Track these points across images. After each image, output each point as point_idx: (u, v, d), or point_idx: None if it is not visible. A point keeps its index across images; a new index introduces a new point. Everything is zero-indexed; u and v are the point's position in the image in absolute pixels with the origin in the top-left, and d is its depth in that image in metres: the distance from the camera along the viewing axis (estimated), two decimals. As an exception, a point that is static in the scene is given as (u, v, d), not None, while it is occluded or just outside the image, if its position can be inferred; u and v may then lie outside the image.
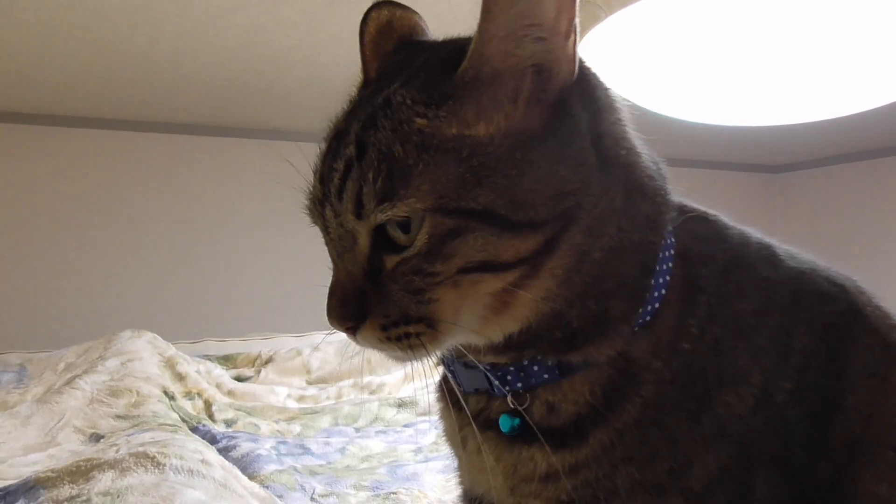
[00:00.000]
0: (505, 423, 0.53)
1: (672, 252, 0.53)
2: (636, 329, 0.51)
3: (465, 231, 0.47)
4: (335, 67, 2.19)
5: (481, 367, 0.53)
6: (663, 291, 0.51)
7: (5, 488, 0.91)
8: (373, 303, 0.50)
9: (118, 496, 0.76)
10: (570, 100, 0.49)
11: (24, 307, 2.67)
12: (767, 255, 0.57)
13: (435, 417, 0.64)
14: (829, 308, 0.55)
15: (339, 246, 0.52)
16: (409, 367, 0.54)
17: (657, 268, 0.51)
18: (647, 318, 0.51)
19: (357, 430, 1.85)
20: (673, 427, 0.49)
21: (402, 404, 2.00)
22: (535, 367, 0.52)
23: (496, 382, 0.53)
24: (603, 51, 1.83)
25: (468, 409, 0.56)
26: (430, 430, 1.72)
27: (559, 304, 0.49)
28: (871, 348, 0.54)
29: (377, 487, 1.32)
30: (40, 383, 1.74)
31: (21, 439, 1.42)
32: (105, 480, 0.82)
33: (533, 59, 0.48)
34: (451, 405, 0.58)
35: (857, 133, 3.19)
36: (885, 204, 3.58)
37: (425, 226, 0.47)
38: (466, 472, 0.62)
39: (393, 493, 1.27)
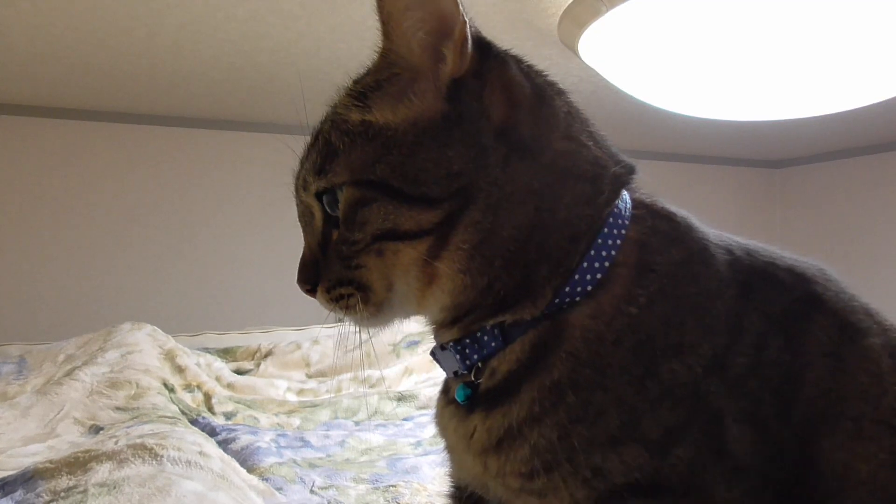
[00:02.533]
0: (459, 392, 0.59)
1: (623, 231, 0.59)
2: (577, 297, 0.56)
3: (370, 200, 0.57)
4: (336, 60, 2.19)
5: (448, 346, 0.61)
6: (606, 265, 0.57)
7: (4, 479, 0.92)
8: (322, 269, 0.61)
9: (115, 487, 0.76)
10: (463, 93, 0.57)
11: (24, 299, 2.67)
12: (723, 253, 0.61)
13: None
14: (783, 295, 0.59)
15: (303, 221, 0.65)
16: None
17: (599, 239, 0.57)
18: (589, 288, 0.56)
19: (357, 423, 1.85)
20: (617, 388, 0.54)
21: (401, 398, 2.00)
22: (486, 337, 0.58)
23: (458, 357, 0.60)
24: (603, 45, 1.83)
25: (449, 395, 0.63)
26: (429, 424, 1.73)
27: (478, 276, 0.57)
28: (826, 329, 0.57)
29: (376, 480, 1.32)
30: (40, 375, 1.75)
31: (21, 430, 1.42)
32: (103, 471, 0.82)
33: (421, 61, 0.58)
34: (443, 391, 0.66)
35: (857, 128, 3.19)
36: (885, 199, 3.58)
37: (342, 197, 0.58)
38: (452, 460, 0.66)
39: (392, 486, 1.27)
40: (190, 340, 2.27)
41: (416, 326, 2.29)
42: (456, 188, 0.55)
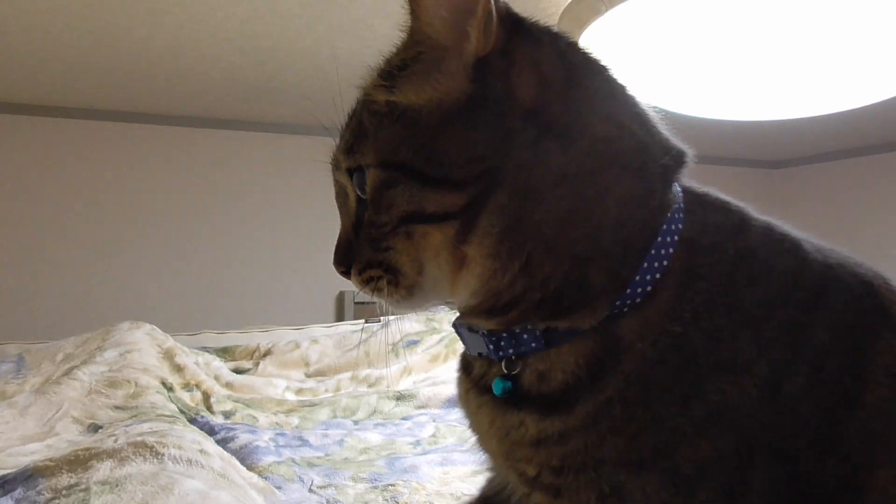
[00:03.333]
0: (497, 385, 0.57)
1: (676, 238, 0.54)
2: (626, 308, 0.53)
3: (395, 182, 0.55)
4: (335, 60, 2.19)
5: (480, 331, 0.59)
6: (657, 276, 0.53)
7: (3, 477, 0.91)
8: (355, 251, 0.59)
9: (117, 485, 0.76)
10: (488, 73, 0.54)
11: (23, 298, 2.67)
12: (790, 249, 0.57)
13: (434, 410, 0.68)
14: (853, 307, 0.54)
15: (338, 201, 0.64)
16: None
17: (652, 250, 0.53)
18: (638, 300, 0.53)
19: (355, 422, 1.85)
20: (658, 407, 0.51)
21: (400, 397, 2.00)
22: (525, 336, 0.56)
23: (490, 347, 0.58)
24: (602, 44, 1.83)
25: (473, 372, 0.61)
26: (428, 423, 1.73)
27: (509, 263, 0.54)
28: (893, 348, 0.53)
29: (375, 479, 1.32)
30: (39, 374, 1.74)
31: (19, 429, 1.42)
32: (104, 469, 0.82)
33: (446, 39, 0.55)
34: (462, 369, 0.64)
35: (856, 128, 3.19)
36: (885, 200, 3.58)
37: (369, 178, 0.57)
38: (478, 441, 0.64)
39: (391, 485, 1.27)
40: (189, 339, 2.27)
41: (415, 326, 2.30)
42: (479, 171, 0.53)
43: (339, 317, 3.17)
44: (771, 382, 0.51)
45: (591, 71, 0.58)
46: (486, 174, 0.53)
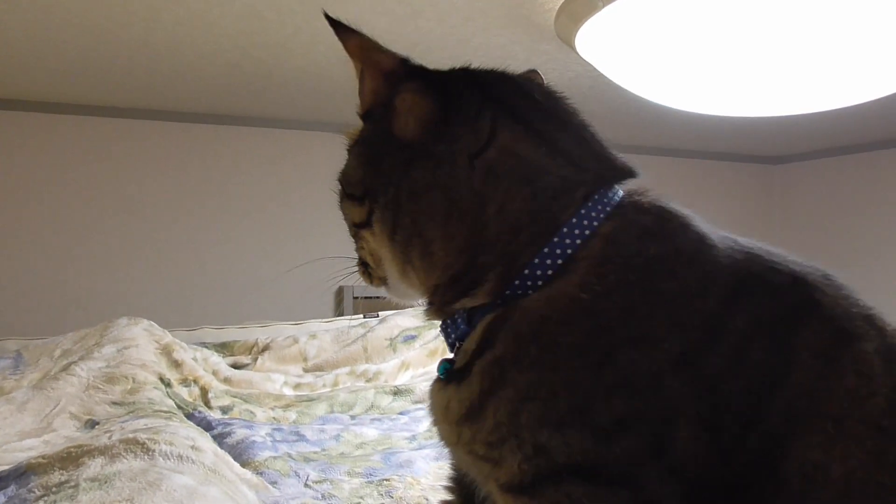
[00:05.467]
0: (440, 368, 0.66)
1: (587, 232, 0.62)
2: (530, 290, 0.61)
3: (341, 197, 0.73)
4: (333, 55, 2.18)
5: (438, 322, 0.69)
6: (559, 261, 0.60)
7: (-3, 474, 0.92)
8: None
9: (106, 482, 0.77)
10: (373, 120, 0.71)
11: (21, 294, 2.68)
12: (721, 256, 0.62)
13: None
14: (777, 300, 0.60)
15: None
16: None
17: (555, 238, 0.61)
18: (540, 282, 0.60)
19: (352, 417, 1.85)
20: (570, 371, 0.57)
21: (397, 392, 2.01)
22: (459, 320, 0.65)
23: (443, 334, 0.68)
24: (600, 40, 1.83)
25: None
26: (424, 418, 1.73)
27: (405, 261, 0.67)
28: (818, 333, 0.58)
29: (370, 474, 1.33)
30: (36, 369, 1.75)
31: (17, 425, 1.43)
32: (94, 466, 0.83)
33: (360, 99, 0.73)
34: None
35: (856, 125, 3.19)
36: (884, 196, 3.58)
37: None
38: (440, 434, 0.70)
39: (386, 480, 1.28)
40: (188, 335, 2.27)
41: (413, 321, 2.29)
42: (363, 190, 0.69)
43: (339, 312, 3.18)
44: (685, 360, 0.56)
45: (478, 106, 0.67)
46: (369, 192, 0.68)
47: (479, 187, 0.63)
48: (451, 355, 0.69)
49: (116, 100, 2.74)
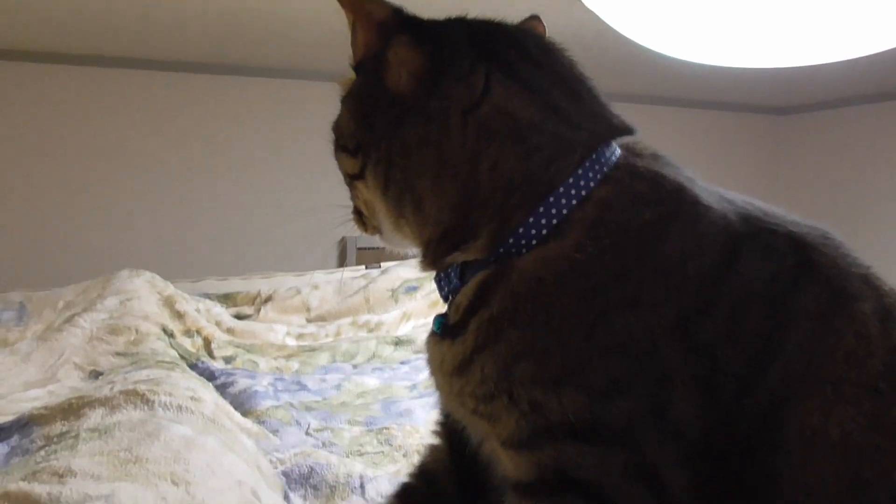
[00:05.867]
0: (435, 322, 0.66)
1: (582, 193, 0.61)
2: (524, 249, 0.60)
3: (335, 149, 0.72)
4: (333, 3, 2.14)
5: (432, 275, 0.69)
6: (554, 221, 0.60)
7: (0, 425, 0.94)
8: None
9: (106, 432, 0.78)
10: (364, 72, 0.70)
11: (23, 246, 2.69)
12: (713, 220, 0.61)
13: None
14: (773, 263, 0.59)
15: None
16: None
17: (550, 198, 0.61)
18: (535, 242, 0.60)
19: (354, 367, 1.88)
20: (562, 330, 0.57)
21: (399, 342, 2.02)
22: (452, 274, 0.66)
23: (437, 287, 0.68)
24: (603, -14, 1.79)
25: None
26: (425, 368, 1.75)
27: (399, 214, 0.67)
28: (815, 295, 0.58)
29: (370, 423, 1.35)
30: (40, 321, 1.77)
31: (22, 376, 1.45)
32: (95, 417, 0.84)
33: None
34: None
35: (865, 75, 3.13)
36: (892, 148, 3.53)
37: None
38: (434, 384, 0.72)
39: (385, 429, 1.30)
40: (191, 286, 2.29)
41: (415, 272, 2.30)
42: (356, 143, 0.68)
43: (342, 262, 3.19)
44: (680, 325, 0.56)
45: (471, 60, 0.66)
46: (361, 145, 0.68)
47: (471, 145, 0.63)
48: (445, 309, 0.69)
49: (116, 49, 2.71)
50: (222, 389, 1.48)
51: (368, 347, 2.01)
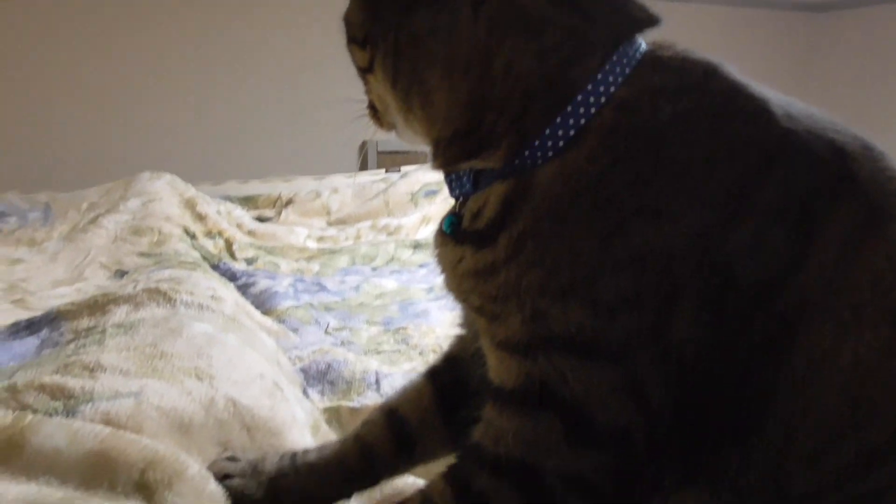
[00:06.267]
0: (446, 222, 0.65)
1: (602, 99, 0.57)
2: (540, 161, 0.58)
3: (347, 41, 0.69)
4: None
5: (442, 173, 0.68)
6: (572, 132, 0.57)
7: (31, 319, 0.98)
8: None
9: (131, 328, 0.81)
10: None
11: (48, 148, 2.71)
12: (750, 112, 0.57)
13: None
14: (814, 171, 0.55)
15: None
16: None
17: (569, 108, 0.57)
18: (551, 154, 0.57)
19: (373, 269, 1.90)
20: (575, 242, 0.55)
21: (417, 246, 2.04)
22: (464, 178, 0.64)
23: (447, 186, 0.67)
24: None
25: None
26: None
27: (408, 109, 0.64)
28: (853, 213, 0.54)
29: (388, 323, 1.38)
30: (65, 222, 1.81)
31: (50, 274, 1.49)
32: (120, 313, 0.87)
33: None
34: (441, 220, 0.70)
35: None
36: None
37: None
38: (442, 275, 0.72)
39: (402, 328, 1.33)
40: (212, 189, 2.31)
41: (434, 176, 2.30)
42: (364, 34, 0.65)
43: (363, 166, 3.18)
44: (701, 236, 0.53)
45: None
46: (370, 36, 0.65)
47: (483, 39, 0.59)
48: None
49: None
50: (243, 290, 1.52)
51: (387, 251, 2.03)
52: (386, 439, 0.72)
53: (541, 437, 0.55)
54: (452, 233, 0.64)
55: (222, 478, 0.66)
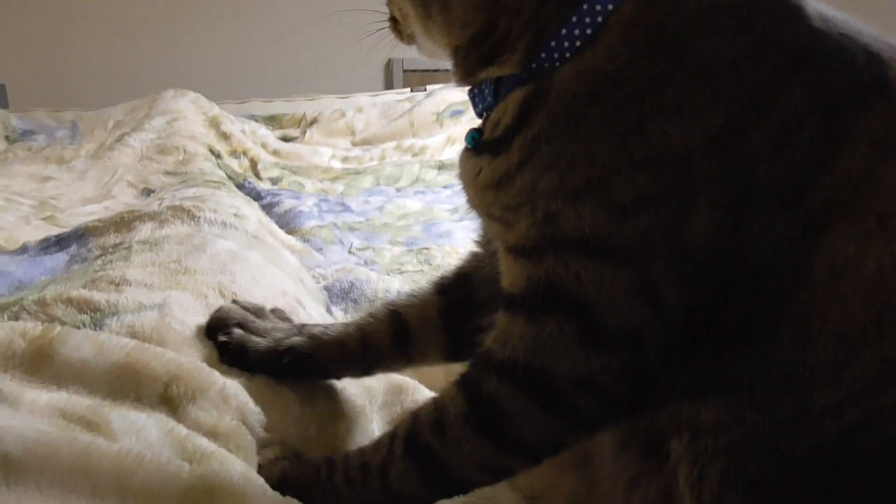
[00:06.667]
0: (468, 137, 0.63)
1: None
2: (558, 62, 0.56)
3: None
4: None
5: (464, 88, 0.66)
6: (588, 31, 0.55)
7: (60, 235, 0.99)
8: None
9: (156, 244, 0.82)
10: None
11: (73, 66, 2.70)
12: (783, 11, 0.54)
13: None
14: (844, 75, 0.53)
15: None
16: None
17: (584, 5, 0.55)
18: (568, 54, 0.56)
19: (398, 190, 1.91)
20: (591, 142, 0.53)
21: (442, 166, 2.03)
22: (486, 90, 0.62)
23: (471, 103, 0.65)
24: None
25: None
26: (467, 192, 1.76)
27: (426, 16, 0.63)
28: (883, 120, 0.51)
29: (411, 243, 1.39)
30: (92, 140, 1.82)
31: (79, 192, 1.52)
32: (145, 230, 0.88)
33: None
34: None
35: None
36: None
37: None
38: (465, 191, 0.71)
39: (425, 249, 1.33)
40: (236, 107, 2.30)
41: (460, 96, 2.26)
42: None
43: (388, 85, 3.14)
44: (724, 135, 0.51)
45: None
46: None
47: None
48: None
49: None
50: (268, 209, 1.53)
51: (412, 171, 2.03)
52: (385, 334, 0.72)
53: (552, 340, 0.54)
54: (474, 146, 0.63)
55: (229, 327, 0.68)
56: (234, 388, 0.61)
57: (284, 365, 0.69)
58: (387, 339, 0.72)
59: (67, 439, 0.46)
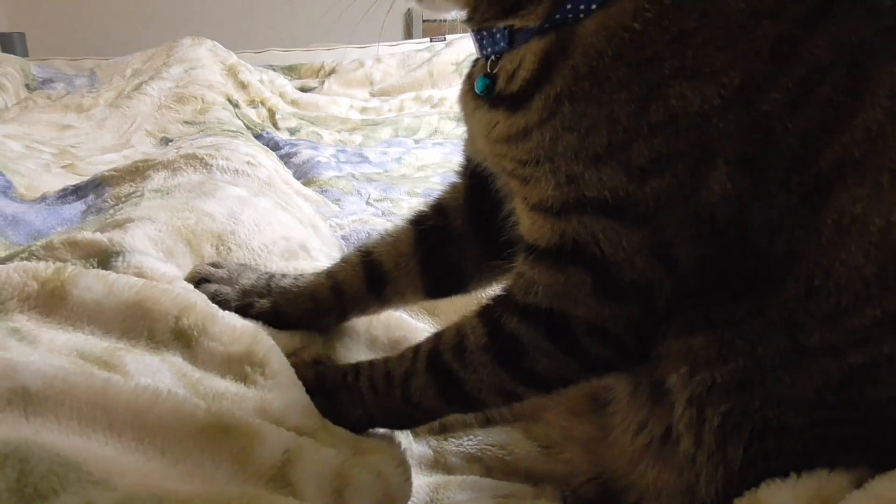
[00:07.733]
0: (479, 82, 0.62)
1: None
2: (581, 15, 0.55)
3: None
4: None
5: (470, 31, 0.65)
6: None
7: (77, 185, 1.00)
8: None
9: (167, 192, 0.82)
10: None
11: (90, 13, 2.69)
12: None
13: None
14: (869, 23, 0.52)
15: None
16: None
17: None
18: (594, 6, 0.55)
19: (416, 141, 1.89)
20: (612, 104, 0.53)
21: (461, 118, 2.01)
22: (497, 35, 0.61)
23: (478, 45, 0.63)
24: None
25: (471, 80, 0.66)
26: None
27: None
28: None
29: (429, 194, 1.38)
30: (111, 88, 1.82)
31: (98, 140, 1.52)
32: (158, 179, 0.89)
33: None
34: (466, 76, 0.68)
35: None
36: None
37: None
38: (468, 139, 0.71)
39: (443, 200, 1.33)
40: (254, 57, 2.28)
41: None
42: None
43: (407, 35, 3.10)
44: (741, 95, 0.51)
45: None
46: None
47: None
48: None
49: None
50: (286, 159, 1.53)
51: (430, 122, 2.01)
52: (358, 278, 0.73)
53: (571, 289, 0.57)
54: (487, 95, 0.62)
55: (199, 281, 0.69)
56: (236, 317, 0.63)
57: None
58: (360, 282, 0.73)
59: (85, 374, 0.47)
